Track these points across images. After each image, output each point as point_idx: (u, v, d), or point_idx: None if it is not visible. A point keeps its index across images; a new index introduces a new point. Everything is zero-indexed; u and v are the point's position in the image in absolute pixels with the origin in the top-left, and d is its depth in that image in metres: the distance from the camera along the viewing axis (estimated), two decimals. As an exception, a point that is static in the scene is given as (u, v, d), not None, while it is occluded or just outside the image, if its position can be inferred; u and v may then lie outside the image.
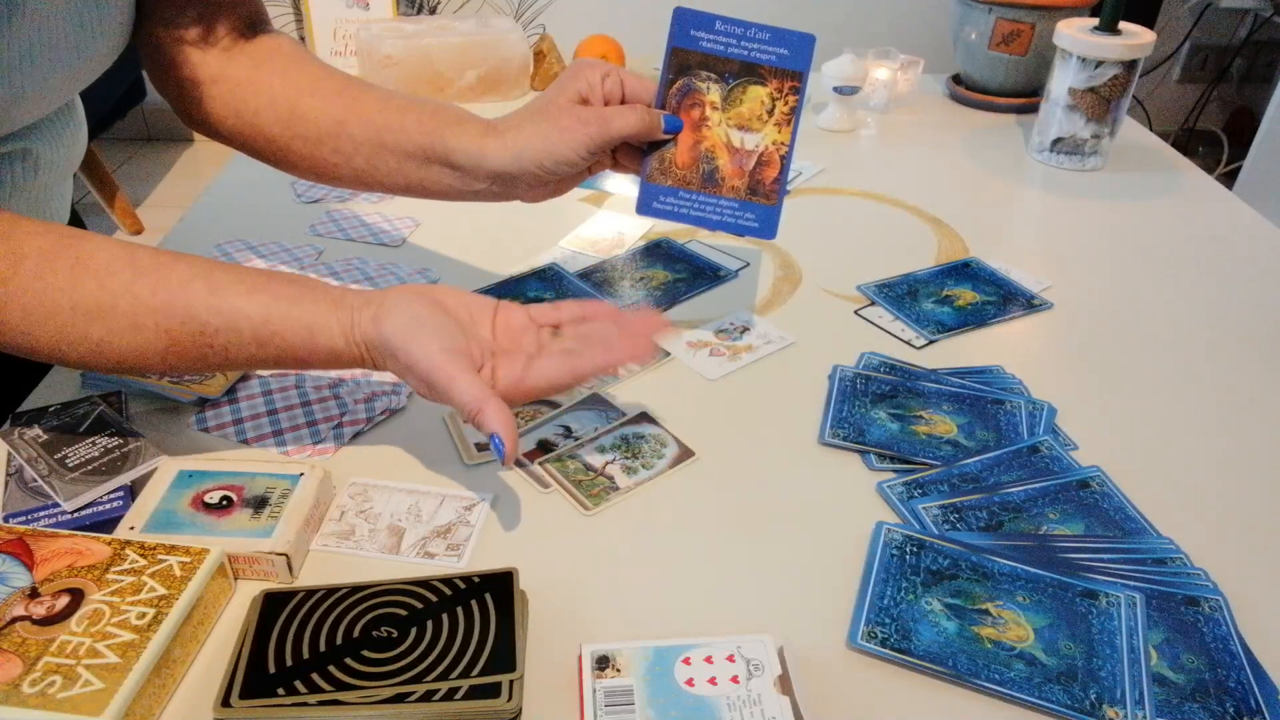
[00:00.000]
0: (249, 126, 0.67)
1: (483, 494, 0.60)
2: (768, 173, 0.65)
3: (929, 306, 0.80)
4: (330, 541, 0.56)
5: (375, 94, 0.66)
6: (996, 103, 1.24)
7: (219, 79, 0.66)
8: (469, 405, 0.51)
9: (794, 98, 0.64)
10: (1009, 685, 0.48)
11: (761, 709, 0.45)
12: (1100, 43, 1.00)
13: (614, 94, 0.63)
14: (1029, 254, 0.90)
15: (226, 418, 0.65)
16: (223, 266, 0.54)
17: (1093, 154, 1.07)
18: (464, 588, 0.51)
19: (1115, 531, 0.57)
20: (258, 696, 0.45)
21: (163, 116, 2.92)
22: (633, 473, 0.62)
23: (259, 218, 0.94)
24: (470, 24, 1.24)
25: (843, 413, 0.67)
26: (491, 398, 0.52)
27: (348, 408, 0.66)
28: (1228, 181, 2.44)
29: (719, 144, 0.65)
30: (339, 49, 1.41)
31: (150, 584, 0.49)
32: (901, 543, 0.55)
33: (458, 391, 0.51)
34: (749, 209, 0.66)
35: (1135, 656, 0.49)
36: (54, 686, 0.43)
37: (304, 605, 0.50)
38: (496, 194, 0.65)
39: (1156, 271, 0.87)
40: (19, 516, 0.56)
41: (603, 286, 0.82)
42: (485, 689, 0.45)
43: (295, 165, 0.68)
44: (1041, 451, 0.63)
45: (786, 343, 0.75)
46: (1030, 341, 0.77)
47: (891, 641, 0.50)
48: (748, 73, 0.64)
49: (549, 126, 0.61)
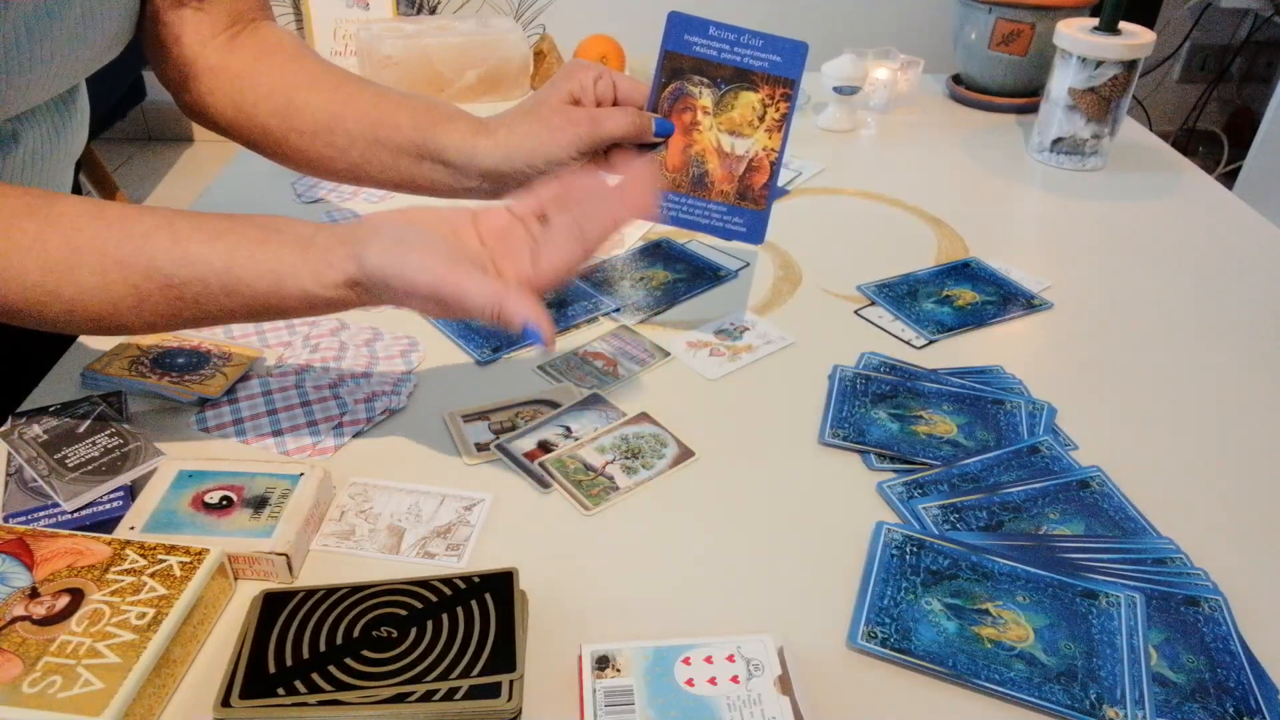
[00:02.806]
0: (247, 118, 0.67)
1: (483, 494, 0.60)
2: (757, 178, 0.65)
3: (929, 306, 0.80)
4: (330, 541, 0.56)
5: (371, 90, 0.66)
6: (996, 103, 1.24)
7: (219, 69, 0.67)
8: (488, 303, 0.49)
9: (785, 104, 0.65)
10: (1009, 685, 0.48)
11: (761, 709, 0.45)
12: (1100, 43, 1.00)
13: (606, 96, 0.63)
14: (1029, 254, 0.90)
15: (226, 418, 0.65)
16: (190, 216, 0.53)
17: (1093, 154, 1.07)
18: (464, 588, 0.51)
19: (1115, 531, 0.57)
20: (258, 696, 0.45)
21: (163, 116, 2.92)
22: (633, 473, 0.62)
23: (259, 218, 0.93)
24: (470, 24, 1.24)
25: (843, 413, 0.67)
26: (509, 287, 0.49)
27: (348, 408, 0.66)
28: (1228, 181, 2.44)
29: (709, 148, 0.65)
30: (339, 49, 1.41)
31: (150, 584, 0.49)
32: (901, 543, 0.55)
33: (471, 294, 0.49)
34: (737, 214, 0.66)
35: (1135, 656, 0.49)
36: (54, 686, 0.43)
37: (304, 605, 0.50)
38: (489, 192, 0.65)
39: (1156, 271, 0.87)
40: (19, 516, 0.56)
41: (603, 286, 0.82)
42: (485, 689, 0.45)
43: (291, 158, 0.68)
44: (1041, 451, 0.63)
45: (786, 343, 0.75)
46: (1030, 341, 0.77)
47: (891, 641, 0.50)
48: (740, 78, 0.64)
49: (540, 126, 0.61)
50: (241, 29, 0.68)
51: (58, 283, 0.51)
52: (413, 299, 0.51)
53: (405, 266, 0.50)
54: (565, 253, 0.52)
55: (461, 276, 0.49)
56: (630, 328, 0.77)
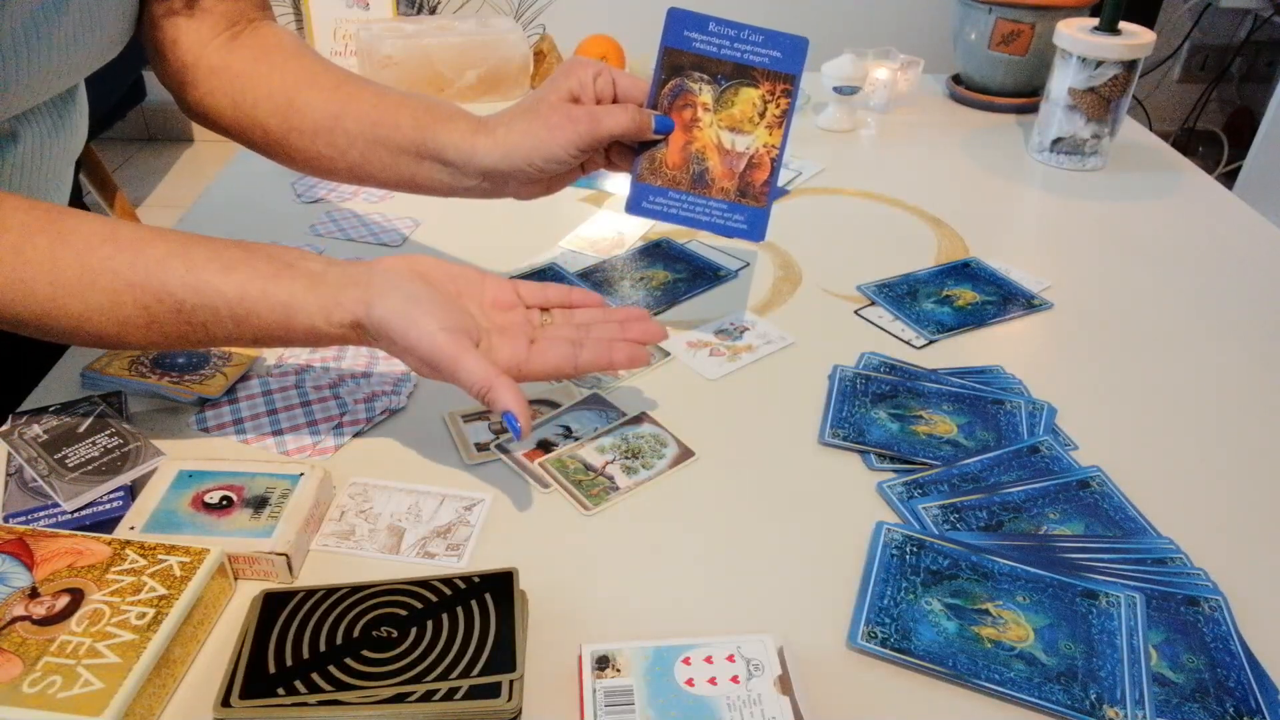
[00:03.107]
0: (247, 118, 0.67)
1: (483, 494, 0.60)
2: (758, 175, 0.65)
3: (929, 306, 0.80)
4: (330, 541, 0.56)
5: (371, 89, 0.66)
6: (996, 103, 1.24)
7: (219, 70, 0.67)
8: (477, 385, 0.51)
9: (786, 100, 0.64)
10: (1009, 685, 0.48)
11: (761, 709, 0.45)
12: (1100, 43, 1.00)
13: (605, 93, 0.63)
14: (1029, 254, 0.90)
15: (226, 418, 0.65)
16: (204, 242, 0.54)
17: (1093, 154, 1.07)
18: (464, 588, 0.51)
19: (1115, 531, 0.57)
20: (258, 696, 0.45)
21: (163, 116, 2.92)
22: (633, 473, 0.62)
23: (259, 218, 0.94)
24: (470, 24, 1.24)
25: (843, 413, 0.67)
26: (499, 375, 0.51)
27: (348, 408, 0.66)
28: (1228, 181, 2.44)
29: (710, 145, 0.65)
30: (339, 49, 1.41)
31: (150, 584, 0.49)
32: (901, 543, 0.55)
33: (465, 372, 0.51)
34: (738, 211, 0.66)
35: (1135, 656, 0.49)
36: (54, 686, 0.43)
37: (304, 605, 0.50)
38: (488, 191, 0.66)
39: (1156, 271, 0.87)
40: (19, 516, 0.56)
41: (603, 286, 0.82)
42: (485, 689, 0.45)
43: (292, 158, 0.68)
44: (1041, 451, 0.63)
45: (786, 343, 0.75)
46: (1030, 341, 0.77)
47: (891, 641, 0.50)
48: (740, 75, 0.64)
49: (539, 125, 0.61)
50: (241, 29, 0.68)
51: (67, 299, 0.51)
52: (408, 356, 0.53)
53: (410, 327, 0.52)
54: (557, 358, 0.55)
55: (459, 352, 0.51)
56: (630, 328, 0.77)
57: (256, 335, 0.54)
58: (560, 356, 0.55)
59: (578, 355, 0.55)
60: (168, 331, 0.53)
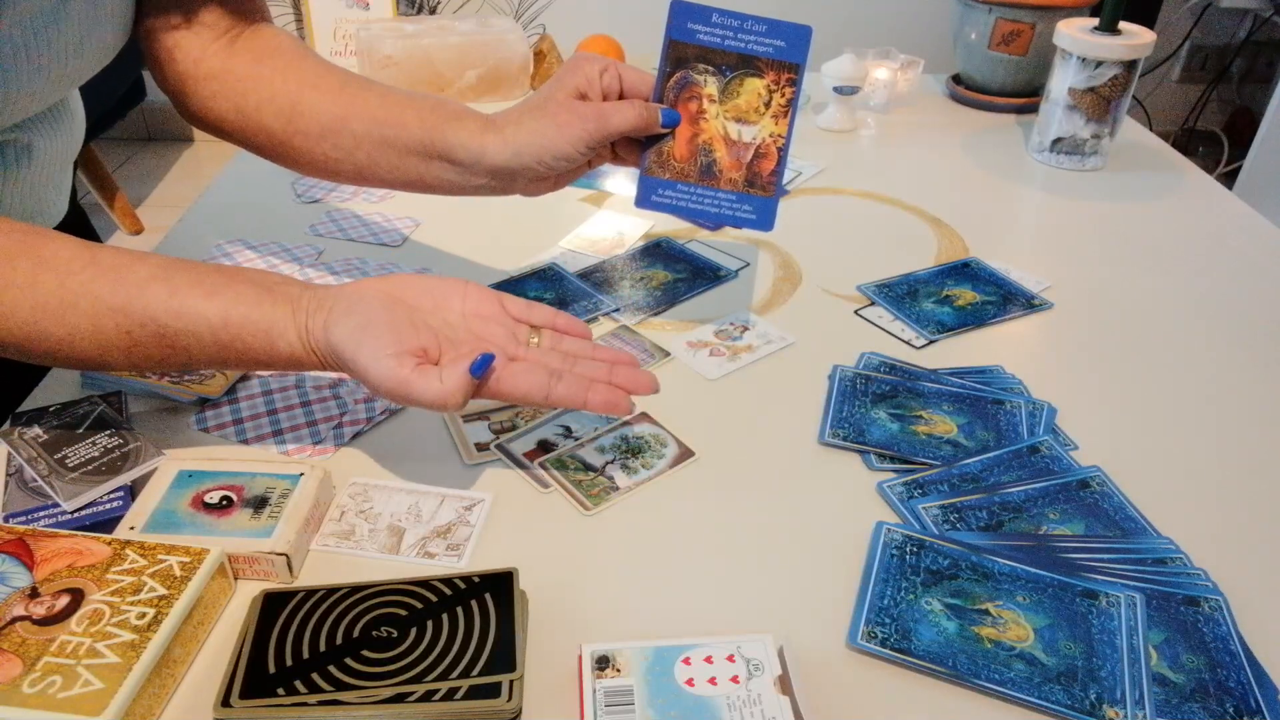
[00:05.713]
0: (250, 122, 0.67)
1: (483, 494, 0.60)
2: (765, 165, 0.65)
3: (929, 306, 0.80)
4: (330, 541, 0.56)
5: (376, 89, 0.66)
6: (996, 103, 1.24)
7: (220, 74, 0.66)
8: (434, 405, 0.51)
9: (791, 90, 0.64)
10: (1009, 685, 0.48)
11: (761, 709, 0.45)
12: (1100, 43, 1.00)
13: (612, 89, 0.63)
14: (1029, 254, 0.90)
15: (226, 418, 0.65)
16: (186, 267, 0.54)
17: (1093, 154, 1.07)
18: (464, 588, 0.51)
19: (1115, 531, 0.57)
20: (258, 696, 0.45)
21: (163, 116, 2.92)
22: (633, 473, 0.62)
23: (259, 217, 0.93)
24: (470, 24, 1.24)
25: (843, 413, 0.67)
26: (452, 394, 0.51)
27: (348, 408, 0.66)
28: (1228, 181, 2.44)
29: (716, 136, 0.65)
30: (339, 49, 1.41)
31: (150, 584, 0.49)
32: (901, 543, 0.55)
33: (417, 393, 0.51)
34: (746, 201, 0.66)
35: (1135, 656, 0.49)
36: (54, 686, 0.43)
37: (304, 605, 0.50)
38: (496, 189, 0.65)
39: (1156, 271, 0.87)
40: (19, 516, 0.56)
41: (603, 286, 0.82)
42: (485, 689, 0.45)
43: (296, 161, 0.68)
44: (1041, 451, 0.63)
45: (786, 343, 0.75)
46: (1030, 341, 0.77)
47: (891, 641, 0.50)
48: (745, 65, 0.64)
49: (547, 123, 0.61)
50: (240, 33, 0.68)
51: (49, 323, 0.51)
52: (367, 383, 0.53)
53: (360, 355, 0.51)
54: (529, 385, 0.54)
55: (409, 376, 0.51)
56: (630, 328, 0.77)
57: (241, 359, 0.54)
58: (533, 384, 0.53)
59: (552, 387, 0.53)
60: (150, 354, 0.53)
